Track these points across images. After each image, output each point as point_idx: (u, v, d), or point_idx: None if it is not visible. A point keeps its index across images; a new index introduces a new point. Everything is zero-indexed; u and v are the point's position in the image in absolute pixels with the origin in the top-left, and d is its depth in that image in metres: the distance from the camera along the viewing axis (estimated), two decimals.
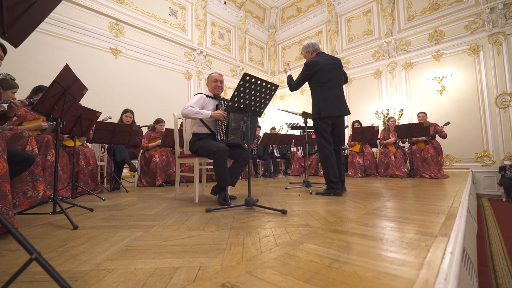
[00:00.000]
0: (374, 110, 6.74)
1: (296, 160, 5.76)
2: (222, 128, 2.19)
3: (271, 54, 9.35)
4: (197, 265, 0.86)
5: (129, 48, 5.72)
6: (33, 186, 2.12)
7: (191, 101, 2.29)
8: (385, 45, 6.83)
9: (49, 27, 4.57)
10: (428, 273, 0.76)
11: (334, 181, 2.40)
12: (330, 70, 2.52)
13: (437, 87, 5.95)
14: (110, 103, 5.12)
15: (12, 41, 0.83)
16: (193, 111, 2.20)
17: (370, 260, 0.87)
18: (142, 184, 3.77)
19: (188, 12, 7.01)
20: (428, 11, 6.29)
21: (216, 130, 2.22)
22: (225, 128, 2.19)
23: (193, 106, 2.25)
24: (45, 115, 1.55)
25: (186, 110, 2.21)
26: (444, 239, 1.06)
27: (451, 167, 5.70)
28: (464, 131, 5.58)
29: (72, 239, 1.20)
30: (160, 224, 1.46)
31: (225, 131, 2.19)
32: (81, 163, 2.90)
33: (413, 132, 4.20)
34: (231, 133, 2.21)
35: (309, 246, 1.03)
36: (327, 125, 2.52)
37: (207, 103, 2.35)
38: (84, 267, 0.87)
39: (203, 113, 2.20)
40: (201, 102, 2.32)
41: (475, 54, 5.60)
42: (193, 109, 2.21)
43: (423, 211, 1.65)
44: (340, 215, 1.59)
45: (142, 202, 2.28)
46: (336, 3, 7.78)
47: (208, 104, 2.35)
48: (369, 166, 4.88)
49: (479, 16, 5.57)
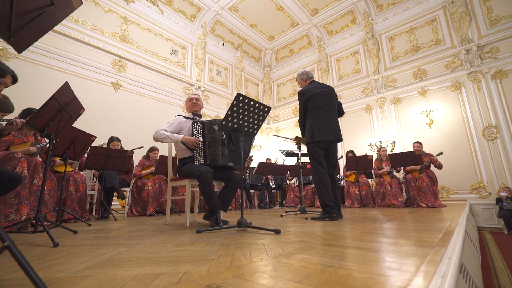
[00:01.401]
0: (367, 142, 6.88)
1: (291, 191, 5.67)
2: (199, 151, 2.14)
3: (266, 91, 9.80)
4: (182, 271, 0.81)
5: (129, 83, 5.97)
6: (16, 209, 2.04)
7: (166, 124, 2.24)
8: (373, 82, 7.25)
9: (53, 62, 4.80)
10: (424, 274, 0.72)
11: (329, 205, 2.35)
12: (322, 97, 2.63)
13: (426, 120, 6.18)
14: (108, 133, 5.16)
15: (16, 46, 0.88)
16: (164, 134, 2.12)
17: (364, 265, 0.83)
18: (132, 214, 3.62)
19: (188, 51, 7.50)
20: (410, 52, 6.83)
21: (193, 154, 2.15)
22: (202, 151, 2.14)
23: (165, 129, 2.18)
24: (39, 130, 1.56)
25: (157, 134, 2.14)
26: (441, 249, 1.03)
27: (448, 199, 5.64)
28: (457, 162, 5.65)
29: (51, 254, 1.13)
30: (146, 242, 1.38)
31: (202, 154, 2.13)
32: (70, 189, 2.82)
33: (406, 161, 4.25)
34: (210, 154, 2.14)
35: (302, 256, 0.98)
36: (320, 149, 2.55)
37: (184, 125, 2.29)
38: (59, 274, 0.81)
39: (173, 138, 2.13)
40: (175, 125, 2.25)
41: (457, 90, 5.95)
42: (165, 132, 2.14)
43: (420, 230, 1.60)
44: (335, 234, 1.54)
45: (130, 227, 2.18)
46: (326, 45, 8.44)
47: (185, 126, 2.30)
48: (365, 196, 4.82)
49: (456, 57, 6.05)
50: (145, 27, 6.55)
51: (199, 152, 2.13)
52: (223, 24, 7.92)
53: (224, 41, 8.38)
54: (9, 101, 1.90)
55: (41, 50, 4.70)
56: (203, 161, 2.12)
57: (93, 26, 5.55)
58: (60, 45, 4.97)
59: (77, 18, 5.32)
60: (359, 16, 7.62)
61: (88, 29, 5.46)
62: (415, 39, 6.82)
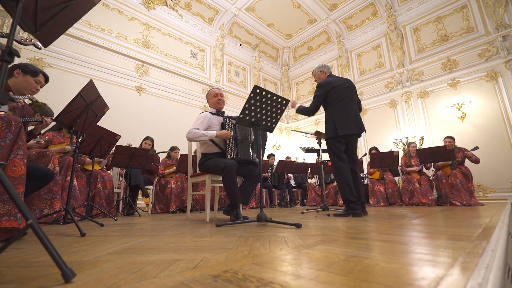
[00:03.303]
0: (393, 139, 6.56)
1: (311, 189, 5.54)
2: (231, 146, 2.17)
3: (285, 90, 9.72)
4: (200, 258, 0.79)
5: (152, 86, 6.19)
6: (50, 204, 2.16)
7: (196, 123, 2.26)
8: (397, 76, 6.91)
9: (83, 69, 5.10)
10: (463, 266, 0.64)
11: (352, 200, 2.25)
12: (344, 89, 2.54)
13: (457, 114, 5.77)
14: (133, 135, 5.39)
15: (42, 40, 0.92)
16: (198, 133, 2.16)
17: (393, 256, 0.76)
18: (156, 211, 3.73)
19: (207, 53, 7.63)
20: (438, 42, 6.43)
21: (226, 149, 2.18)
22: (234, 146, 2.17)
23: (197, 128, 2.21)
24: (67, 126, 1.64)
25: (191, 134, 2.18)
26: (482, 242, 0.92)
27: (486, 198, 5.21)
28: (494, 158, 5.20)
29: (78, 242, 1.17)
30: (167, 234, 1.40)
31: (234, 149, 2.16)
32: (98, 186, 2.96)
33: (436, 156, 3.98)
34: (241, 149, 2.17)
35: (324, 247, 0.93)
36: (341, 144, 2.46)
37: (212, 122, 2.32)
38: (83, 258, 0.83)
39: (207, 135, 2.16)
40: (205, 122, 2.28)
41: (493, 80, 5.49)
42: (198, 131, 2.18)
43: (455, 225, 1.47)
44: (360, 228, 1.45)
45: (153, 221, 2.23)
46: (346, 41, 8.19)
47: (213, 122, 2.32)
48: (391, 194, 4.58)
49: (491, 44, 5.60)
50: (166, 32, 6.77)
51: (231, 146, 2.16)
52: (240, 25, 7.98)
53: (242, 42, 8.43)
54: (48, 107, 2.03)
55: (71, 59, 5.01)
56: (234, 156, 2.15)
57: (117, 34, 5.83)
58: (88, 53, 5.28)
59: (103, 27, 5.62)
60: (380, 8, 7.31)
61: (113, 36, 5.75)
62: (443, 28, 6.41)
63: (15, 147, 1.14)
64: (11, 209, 1.20)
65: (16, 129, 1.10)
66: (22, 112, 1.79)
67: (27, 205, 2.10)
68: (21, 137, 1.15)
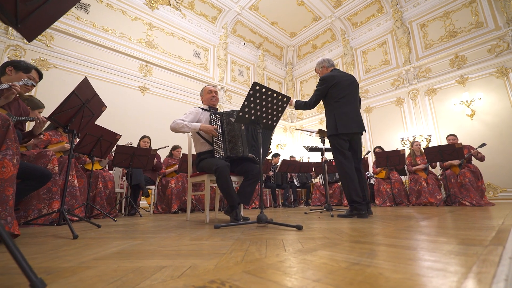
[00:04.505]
0: (399, 138, 6.43)
1: (316, 189, 5.45)
2: (219, 143, 2.07)
3: (289, 88, 9.62)
4: (188, 265, 0.74)
5: (155, 86, 6.18)
6: (48, 204, 2.14)
7: (183, 115, 2.18)
8: (404, 73, 6.76)
9: (87, 70, 5.10)
10: (479, 277, 0.57)
11: (357, 200, 2.17)
12: (347, 86, 2.46)
13: (466, 111, 5.60)
14: (136, 135, 5.38)
15: (25, 34, 0.87)
16: (181, 124, 2.05)
17: (399, 264, 0.69)
18: (158, 211, 3.71)
19: (211, 53, 7.60)
20: (446, 38, 6.26)
21: (213, 147, 2.07)
22: (222, 142, 2.07)
23: (183, 119, 2.12)
24: (62, 126, 1.60)
25: (174, 124, 2.07)
26: (497, 247, 0.85)
27: (496, 198, 5.04)
28: (505, 157, 5.03)
29: (67, 245, 1.13)
30: (162, 236, 1.35)
31: (221, 146, 2.06)
32: (99, 186, 2.94)
33: (444, 154, 3.85)
34: (229, 146, 2.06)
35: (324, 253, 0.86)
36: (344, 142, 2.37)
37: (201, 117, 2.24)
38: (65, 264, 0.78)
39: (191, 126, 2.05)
40: (193, 116, 2.20)
41: (504, 76, 5.31)
42: (181, 121, 2.07)
43: (466, 228, 1.38)
44: (364, 231, 1.38)
45: (152, 222, 2.19)
46: (351, 38, 8.06)
47: (202, 118, 2.25)
48: (398, 194, 4.46)
49: (502, 39, 5.42)
50: (169, 32, 6.75)
51: (219, 144, 2.07)
52: (243, 24, 7.92)
53: (245, 41, 8.37)
54: (36, 99, 2.00)
55: (76, 59, 5.03)
56: (223, 153, 2.05)
57: (121, 34, 5.83)
58: (92, 53, 5.28)
59: (107, 27, 5.63)
60: (386, 5, 7.16)
61: (117, 37, 5.76)
62: (451, 23, 6.23)
63: (3, 147, 1.10)
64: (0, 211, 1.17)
65: (3, 128, 1.06)
66: (18, 111, 1.77)
67: (25, 205, 2.08)
68: (10, 136, 1.11)
